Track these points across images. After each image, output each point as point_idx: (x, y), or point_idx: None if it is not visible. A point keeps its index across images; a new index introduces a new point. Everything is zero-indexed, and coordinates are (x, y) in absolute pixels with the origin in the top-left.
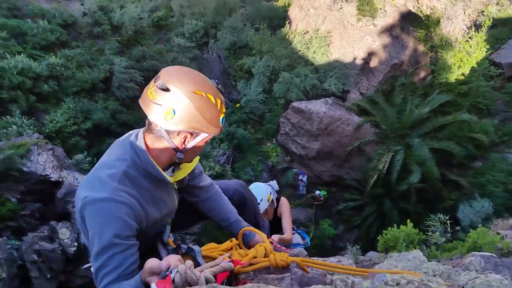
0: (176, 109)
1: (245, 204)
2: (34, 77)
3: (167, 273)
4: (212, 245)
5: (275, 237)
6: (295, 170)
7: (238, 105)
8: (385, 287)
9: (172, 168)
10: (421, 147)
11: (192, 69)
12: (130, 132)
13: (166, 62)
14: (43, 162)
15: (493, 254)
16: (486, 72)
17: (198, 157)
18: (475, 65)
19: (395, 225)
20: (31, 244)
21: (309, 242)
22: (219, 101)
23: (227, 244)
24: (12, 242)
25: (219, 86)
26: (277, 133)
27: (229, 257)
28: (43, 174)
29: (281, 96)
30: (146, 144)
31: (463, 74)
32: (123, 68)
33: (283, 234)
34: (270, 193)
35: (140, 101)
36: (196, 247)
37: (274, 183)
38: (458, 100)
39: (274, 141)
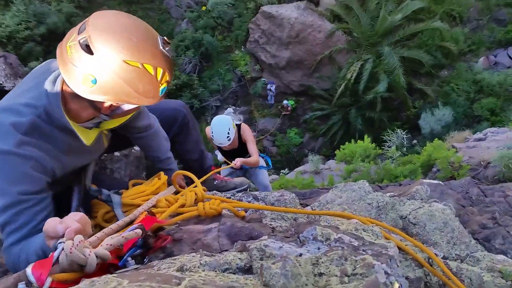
0: (98, 78)
1: (187, 127)
2: None
3: (57, 244)
4: (138, 189)
5: (238, 160)
6: (264, 79)
7: (204, 8)
8: (299, 269)
9: (97, 121)
10: (390, 56)
11: (132, 18)
12: (51, 65)
13: None
14: None
15: (440, 182)
16: None
17: None
18: None
19: (352, 140)
20: None
21: (271, 166)
22: (161, 70)
23: (154, 183)
24: None
25: (167, 49)
26: (247, 40)
27: (148, 212)
28: None
29: None
30: (64, 95)
31: None
32: None
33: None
34: (233, 120)
35: (58, 49)
36: (116, 197)
37: (230, 110)
38: (431, 7)
39: (243, 49)
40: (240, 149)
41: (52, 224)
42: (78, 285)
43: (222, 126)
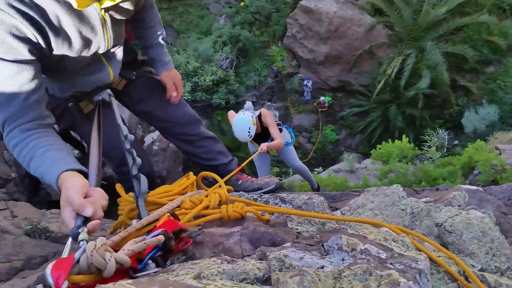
0: None
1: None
2: None
3: (79, 231)
4: (165, 188)
5: (264, 145)
6: (301, 75)
7: (242, 3)
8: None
9: None
10: (433, 51)
11: None
12: None
13: None
14: None
15: (479, 188)
16: None
17: None
18: None
19: (390, 139)
20: None
21: (293, 139)
22: None
23: (182, 183)
24: None
25: None
26: (284, 35)
27: (171, 213)
28: None
29: None
30: None
31: None
32: None
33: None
34: (252, 117)
35: None
36: (143, 187)
37: (249, 105)
38: (479, 0)
39: (280, 44)
40: (264, 132)
41: (78, 192)
42: None
43: (243, 126)
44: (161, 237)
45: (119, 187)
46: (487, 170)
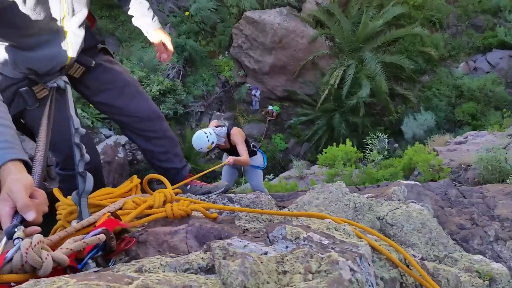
0: None
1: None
2: None
3: (15, 230)
4: (107, 190)
5: (231, 158)
6: (249, 85)
7: (187, 13)
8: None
9: None
10: (372, 61)
11: None
12: None
13: None
14: None
15: (417, 183)
16: None
17: None
18: None
19: (334, 144)
20: None
21: (265, 165)
22: None
23: (125, 186)
24: None
25: None
26: (230, 45)
27: (112, 213)
28: None
29: (234, 5)
30: None
31: None
32: None
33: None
34: (212, 143)
35: None
36: (88, 186)
37: (219, 122)
38: (412, 13)
39: (227, 54)
40: (232, 149)
41: (26, 196)
42: (21, 285)
43: (196, 144)
44: (102, 236)
45: (57, 191)
46: (426, 170)
